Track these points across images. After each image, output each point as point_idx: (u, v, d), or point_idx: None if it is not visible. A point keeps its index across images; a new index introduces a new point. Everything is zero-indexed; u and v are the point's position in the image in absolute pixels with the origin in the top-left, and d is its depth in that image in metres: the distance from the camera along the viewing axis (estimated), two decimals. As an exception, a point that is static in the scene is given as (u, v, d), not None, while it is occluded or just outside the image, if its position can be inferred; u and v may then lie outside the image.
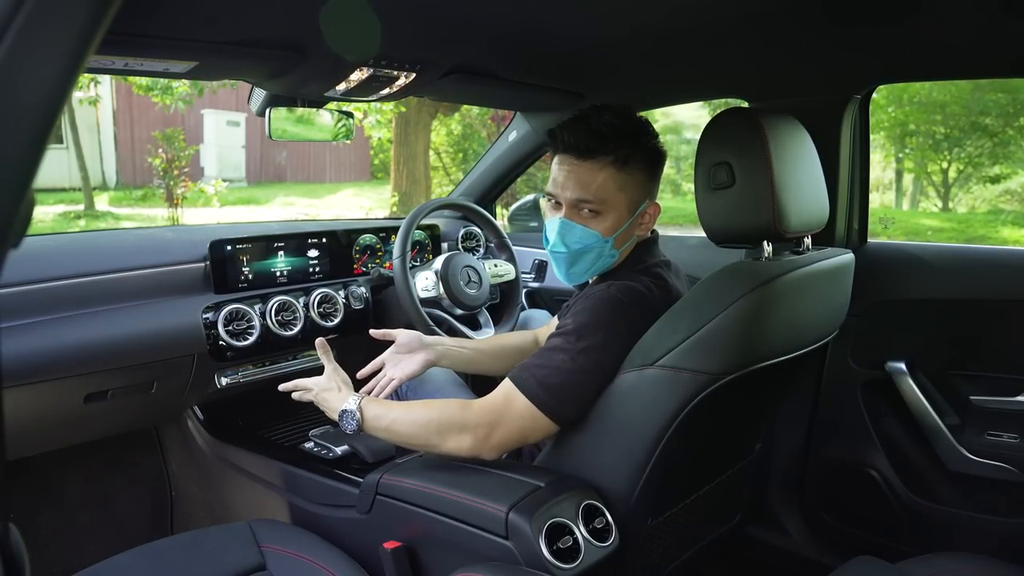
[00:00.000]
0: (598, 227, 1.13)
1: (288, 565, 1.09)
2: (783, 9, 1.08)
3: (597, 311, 1.07)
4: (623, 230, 1.14)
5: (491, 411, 1.07)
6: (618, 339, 1.06)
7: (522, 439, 1.09)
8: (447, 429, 1.08)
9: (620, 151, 1.10)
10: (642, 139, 1.12)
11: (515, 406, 1.05)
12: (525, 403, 1.05)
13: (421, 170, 8.64)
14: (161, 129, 9.57)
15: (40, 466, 1.60)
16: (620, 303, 1.07)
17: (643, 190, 1.15)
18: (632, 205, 1.14)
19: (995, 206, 10.74)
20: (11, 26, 0.33)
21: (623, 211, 1.14)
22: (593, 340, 1.05)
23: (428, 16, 1.12)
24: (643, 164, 1.13)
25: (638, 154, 1.12)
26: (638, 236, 1.19)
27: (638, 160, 1.12)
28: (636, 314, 1.07)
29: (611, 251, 1.16)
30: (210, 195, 9.45)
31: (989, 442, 1.41)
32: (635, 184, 1.13)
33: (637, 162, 1.12)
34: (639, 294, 1.09)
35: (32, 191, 0.36)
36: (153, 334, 1.39)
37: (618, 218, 1.13)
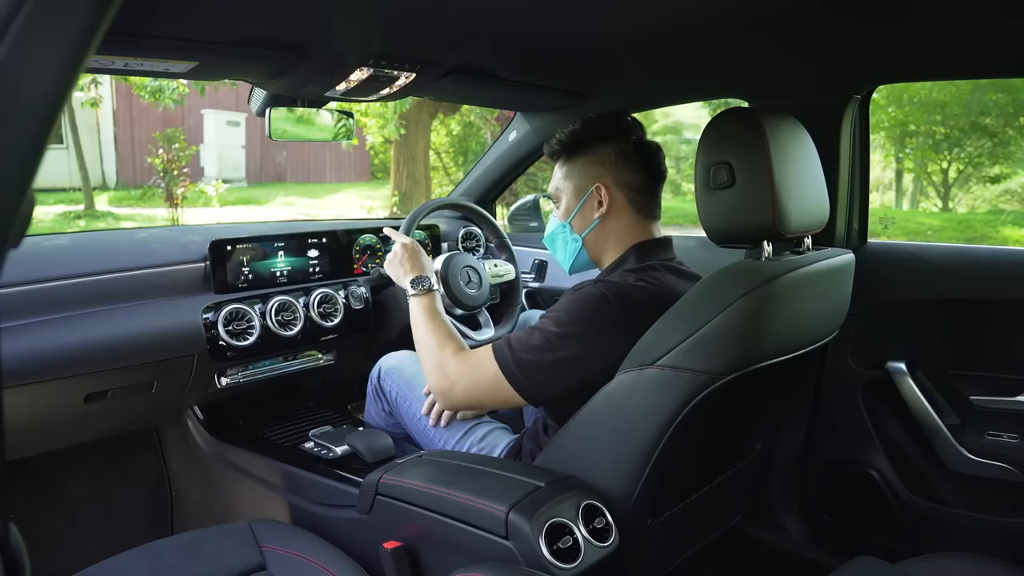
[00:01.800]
0: (558, 214, 1.30)
1: (288, 565, 1.09)
2: (783, 9, 1.08)
3: (582, 304, 1.11)
4: (575, 214, 1.27)
5: (465, 366, 1.19)
6: (599, 335, 1.09)
7: (480, 402, 1.21)
8: (433, 359, 1.24)
9: (568, 149, 1.28)
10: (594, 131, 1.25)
11: (485, 369, 1.15)
12: (494, 369, 1.13)
13: (421, 170, 8.64)
14: (161, 129, 9.58)
15: (40, 466, 1.60)
16: (606, 299, 1.10)
17: (588, 175, 1.25)
18: (578, 190, 1.26)
19: (995, 206, 10.74)
20: (11, 26, 0.33)
21: (571, 196, 1.27)
22: (571, 330, 1.09)
23: (428, 16, 1.12)
24: (590, 153, 1.25)
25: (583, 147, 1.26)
26: (599, 219, 1.25)
27: (583, 152, 1.26)
28: (623, 312, 1.09)
29: (572, 235, 1.28)
30: (210, 195, 9.46)
31: (989, 442, 1.41)
32: (579, 171, 1.26)
33: (581, 152, 1.26)
34: (627, 293, 1.11)
35: (32, 191, 0.36)
36: (153, 334, 1.39)
37: (568, 203, 1.28)
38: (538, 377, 1.11)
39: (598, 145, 1.25)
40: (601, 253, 1.27)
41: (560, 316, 1.11)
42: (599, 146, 1.25)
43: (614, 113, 1.27)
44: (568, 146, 1.27)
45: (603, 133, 1.25)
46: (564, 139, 1.27)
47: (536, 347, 1.11)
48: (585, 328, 1.09)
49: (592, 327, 1.09)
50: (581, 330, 1.09)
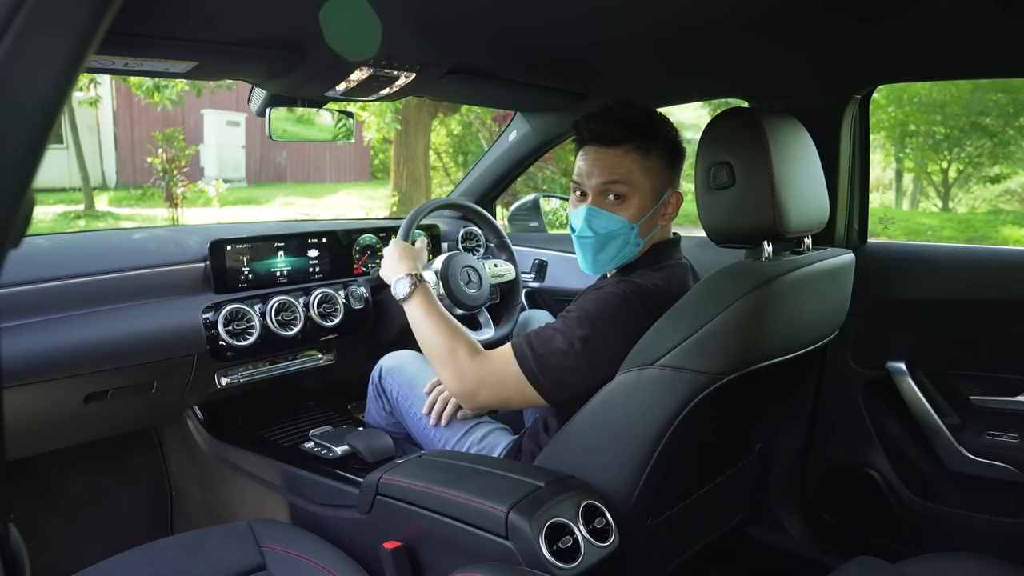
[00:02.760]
0: (624, 213, 1.17)
1: (288, 565, 1.09)
2: (783, 9, 1.08)
3: (604, 303, 1.09)
4: (648, 217, 1.18)
5: (486, 370, 1.15)
6: (622, 336, 1.07)
7: (504, 404, 1.19)
8: (448, 364, 1.19)
9: (643, 138, 1.16)
10: (662, 130, 1.18)
11: (508, 373, 1.12)
12: (518, 373, 1.11)
13: (421, 170, 8.64)
14: (161, 129, 9.58)
15: (40, 466, 1.60)
16: (629, 300, 1.09)
17: (665, 178, 1.19)
18: (656, 191, 1.18)
19: (995, 206, 10.74)
20: (11, 26, 0.33)
21: (647, 196, 1.17)
22: (593, 331, 1.08)
23: (428, 16, 1.12)
24: (664, 153, 1.18)
25: (659, 143, 1.17)
26: (661, 226, 1.21)
27: (659, 148, 1.17)
28: (644, 313, 1.08)
29: (636, 239, 1.19)
30: (210, 195, 9.46)
31: (989, 442, 1.41)
32: (657, 171, 1.18)
33: (659, 150, 1.17)
34: (649, 293, 1.10)
35: (32, 191, 0.36)
36: (153, 334, 1.39)
37: (643, 204, 1.17)
38: (559, 378, 1.10)
39: (664, 143, 1.18)
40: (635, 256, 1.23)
41: (583, 316, 1.09)
42: (665, 144, 1.18)
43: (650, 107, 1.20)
44: (645, 137, 1.15)
45: (668, 127, 1.19)
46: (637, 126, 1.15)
47: (559, 350, 1.08)
48: (608, 329, 1.08)
49: (615, 328, 1.08)
50: (605, 331, 1.08)
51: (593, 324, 1.08)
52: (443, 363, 1.20)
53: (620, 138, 1.15)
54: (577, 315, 1.10)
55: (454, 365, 1.18)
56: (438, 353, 1.22)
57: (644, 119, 1.16)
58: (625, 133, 1.15)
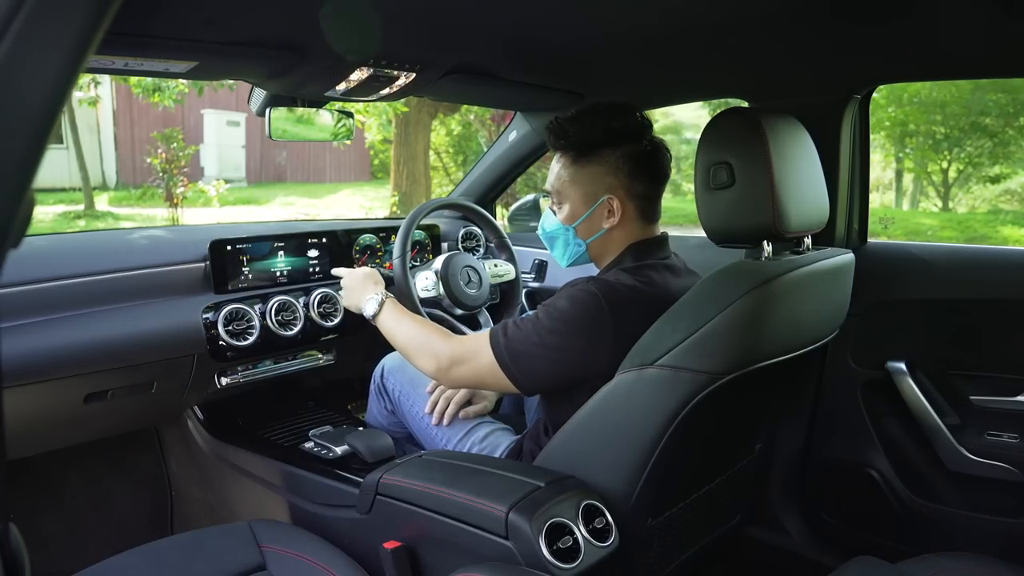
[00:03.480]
0: (560, 216, 1.25)
1: (288, 565, 1.09)
2: (783, 9, 1.08)
3: (574, 300, 1.11)
4: (581, 222, 1.23)
5: (462, 351, 1.21)
6: (585, 335, 1.10)
7: (478, 384, 1.24)
8: (423, 349, 1.25)
9: (577, 147, 1.20)
10: (608, 136, 1.18)
11: (482, 356, 1.16)
12: (490, 358, 1.15)
13: (421, 170, 8.63)
14: (161, 129, 9.58)
15: (40, 466, 1.60)
16: (596, 300, 1.10)
17: (599, 184, 1.20)
18: (587, 198, 1.21)
19: (995, 206, 10.74)
20: (11, 26, 0.33)
21: (578, 203, 1.22)
22: (559, 326, 1.10)
23: (428, 16, 1.12)
24: (604, 161, 1.19)
25: (597, 151, 1.19)
26: (606, 228, 1.22)
27: (597, 156, 1.19)
28: (611, 313, 1.09)
29: (576, 240, 1.25)
30: (210, 195, 9.46)
31: (989, 442, 1.41)
32: (589, 178, 1.20)
33: (595, 159, 1.19)
34: (618, 293, 1.11)
35: (32, 191, 0.36)
36: (153, 334, 1.39)
37: (573, 209, 1.23)
38: (528, 368, 1.13)
39: (610, 150, 1.18)
40: (602, 255, 1.26)
41: (552, 312, 1.12)
42: (611, 152, 1.18)
43: (623, 107, 1.21)
44: (577, 147, 1.20)
45: (617, 137, 1.18)
46: (573, 137, 1.19)
47: (528, 340, 1.12)
48: (573, 326, 1.10)
49: (579, 326, 1.10)
50: (569, 328, 1.10)
51: (562, 320, 1.11)
52: (418, 349, 1.26)
53: (558, 146, 1.23)
54: (548, 309, 1.13)
55: (428, 348, 1.24)
56: (414, 344, 1.28)
57: (582, 131, 1.19)
58: (561, 142, 1.21)
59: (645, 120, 1.22)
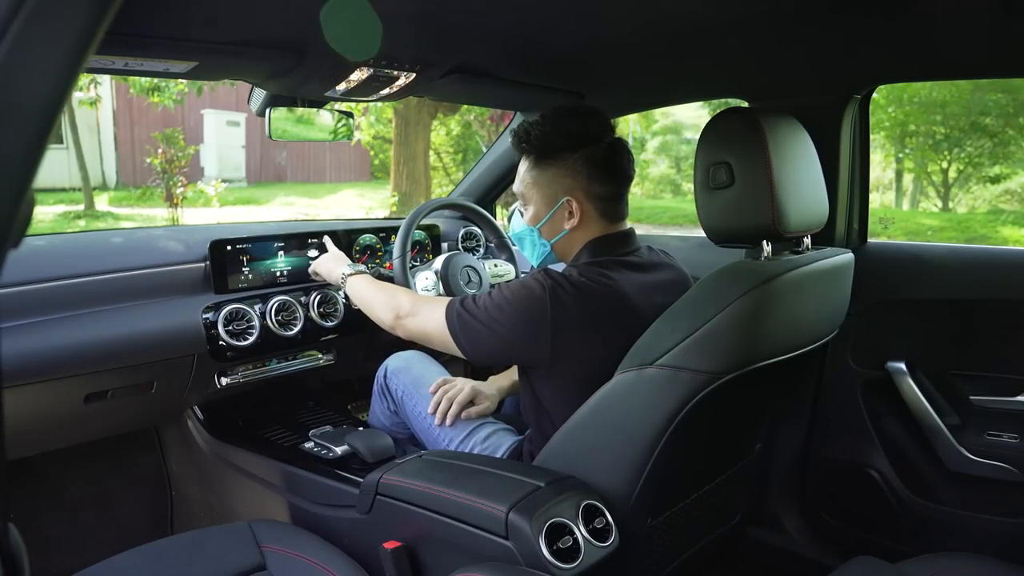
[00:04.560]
0: (526, 218, 1.30)
1: (288, 565, 1.09)
2: (783, 9, 1.08)
3: (521, 288, 1.16)
4: (544, 222, 1.27)
5: (420, 305, 1.30)
6: (523, 323, 1.14)
7: (426, 338, 1.30)
8: (387, 304, 1.34)
9: (537, 151, 1.25)
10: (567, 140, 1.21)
11: (435, 314, 1.25)
12: (441, 318, 1.23)
13: (421, 170, 8.64)
14: (161, 129, 9.58)
15: (40, 466, 1.60)
16: (539, 291, 1.14)
17: (559, 186, 1.24)
18: (548, 200, 1.25)
19: (995, 206, 10.73)
20: (11, 26, 0.33)
21: (540, 205, 1.27)
22: (504, 307, 1.16)
23: (428, 16, 1.12)
24: (563, 165, 1.22)
25: (555, 156, 1.23)
26: (568, 229, 1.25)
27: (554, 158, 1.23)
28: (549, 306, 1.12)
29: (540, 240, 1.30)
30: (210, 195, 9.46)
31: (989, 442, 1.41)
32: (549, 180, 1.24)
33: (552, 160, 1.23)
34: (561, 287, 1.13)
35: (32, 191, 0.36)
36: (153, 334, 1.39)
37: (536, 211, 1.28)
38: (470, 336, 1.19)
39: (569, 154, 1.22)
40: (567, 254, 1.30)
41: (505, 293, 1.17)
42: (570, 155, 1.22)
43: (585, 110, 1.24)
44: (538, 150, 1.24)
45: (575, 141, 1.21)
46: (534, 141, 1.24)
47: (475, 313, 1.19)
48: (513, 314, 1.15)
49: (519, 312, 1.14)
50: (509, 316, 1.15)
51: (507, 302, 1.16)
52: (383, 304, 1.35)
53: (521, 150, 1.28)
54: (501, 289, 1.19)
55: (392, 302, 1.33)
56: (380, 298, 1.37)
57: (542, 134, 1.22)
58: (523, 146, 1.26)
59: (607, 123, 1.24)
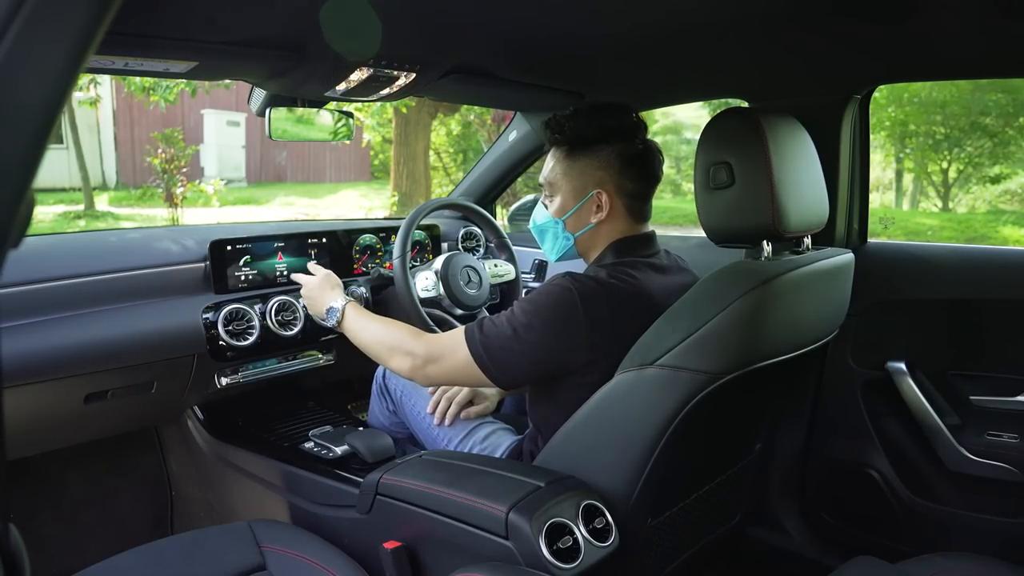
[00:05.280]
0: (551, 209, 1.27)
1: (288, 565, 1.09)
2: (783, 9, 1.08)
3: (549, 295, 1.13)
4: (571, 214, 1.24)
5: (436, 348, 1.21)
6: (558, 329, 1.11)
7: (454, 381, 1.25)
8: (396, 350, 1.25)
9: (569, 143, 1.23)
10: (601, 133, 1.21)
11: (458, 354, 1.17)
12: (466, 354, 1.16)
13: (421, 170, 8.64)
14: (161, 129, 9.58)
15: (40, 466, 1.60)
16: (569, 295, 1.11)
17: (589, 178, 1.22)
18: (577, 191, 1.23)
19: (995, 206, 10.74)
20: (11, 26, 0.33)
21: (568, 196, 1.24)
22: (533, 320, 1.12)
23: (428, 16, 1.12)
24: (594, 156, 1.21)
25: (588, 147, 1.21)
26: (594, 223, 1.23)
27: (587, 152, 1.22)
28: (581, 309, 1.10)
29: (564, 233, 1.26)
30: (210, 195, 9.46)
31: (989, 442, 1.41)
32: (580, 171, 1.22)
33: (585, 151, 1.22)
34: (589, 291, 1.11)
35: (32, 191, 0.36)
36: (153, 334, 1.39)
37: (564, 202, 1.25)
38: (504, 362, 1.14)
39: (602, 146, 1.21)
40: (589, 251, 1.27)
41: (527, 306, 1.14)
42: (603, 148, 1.21)
43: (619, 107, 1.23)
44: (571, 141, 1.23)
45: (609, 134, 1.21)
46: (567, 132, 1.22)
47: (503, 334, 1.13)
48: (546, 320, 1.11)
49: (552, 320, 1.11)
50: (542, 322, 1.11)
51: (536, 315, 1.12)
52: (391, 350, 1.26)
53: (554, 141, 1.25)
54: (523, 304, 1.14)
55: (401, 347, 1.24)
56: (385, 345, 1.28)
57: (577, 127, 1.21)
58: (556, 137, 1.24)
59: (640, 121, 1.24)
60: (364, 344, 1.33)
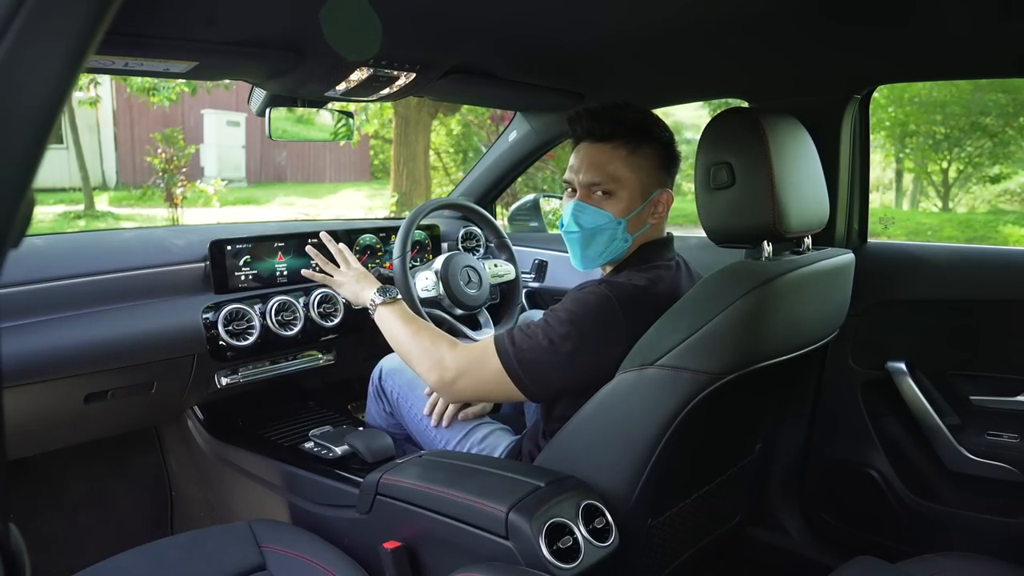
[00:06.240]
0: (611, 208, 1.17)
1: (288, 565, 1.09)
2: (783, 9, 1.08)
3: (586, 304, 1.09)
4: (635, 213, 1.18)
5: (466, 361, 1.16)
6: (600, 337, 1.08)
7: (483, 396, 1.21)
8: (425, 359, 1.20)
9: (634, 136, 1.16)
10: (655, 130, 1.18)
11: (488, 366, 1.12)
12: (498, 367, 1.11)
13: (421, 170, 8.64)
14: (161, 129, 9.58)
15: (40, 466, 1.60)
16: (609, 302, 1.08)
17: (655, 176, 1.19)
18: (644, 189, 1.18)
19: (995, 206, 10.74)
20: (11, 26, 0.33)
21: (635, 193, 1.17)
22: (573, 330, 1.08)
23: (428, 16, 1.12)
24: (656, 153, 1.18)
25: (651, 142, 1.17)
26: (651, 224, 1.20)
27: (651, 147, 1.17)
28: (625, 316, 1.08)
29: (624, 234, 1.19)
30: (210, 195, 9.46)
31: (989, 442, 1.41)
32: (647, 168, 1.18)
33: (650, 148, 1.17)
34: (631, 295, 1.10)
35: (32, 191, 0.36)
36: (153, 334, 1.39)
37: (630, 200, 1.17)
38: (540, 375, 1.10)
39: (658, 143, 1.18)
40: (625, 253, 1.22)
41: (563, 315, 1.10)
42: (659, 144, 1.18)
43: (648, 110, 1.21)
44: (636, 135, 1.16)
45: (662, 130, 1.18)
46: (629, 124, 1.16)
47: (538, 346, 1.09)
48: (586, 329, 1.08)
49: (593, 329, 1.08)
50: (582, 331, 1.08)
51: (573, 323, 1.08)
52: (422, 356, 1.21)
53: (611, 134, 1.16)
54: (559, 315, 1.10)
55: (434, 356, 1.19)
56: (419, 349, 1.22)
57: (637, 118, 1.17)
58: (616, 129, 1.16)
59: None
60: (399, 340, 1.27)
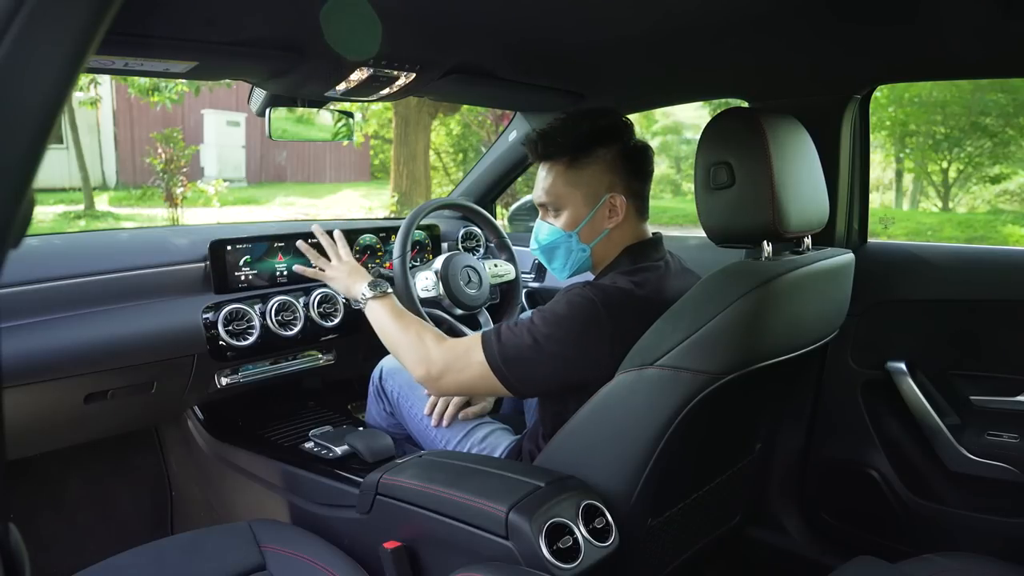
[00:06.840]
0: (560, 223, 1.22)
1: (288, 565, 1.09)
2: (783, 9, 1.08)
3: (571, 306, 1.11)
4: (585, 224, 1.21)
5: (452, 356, 1.18)
6: (583, 340, 1.09)
7: (468, 390, 1.22)
8: (412, 352, 1.22)
9: (572, 149, 1.19)
10: (601, 138, 1.19)
11: (474, 361, 1.14)
12: (482, 362, 1.13)
13: (421, 170, 8.64)
14: (161, 129, 9.58)
15: (40, 466, 1.60)
16: (594, 304, 1.09)
17: (600, 183, 1.20)
18: (589, 199, 1.20)
19: (995, 206, 10.74)
20: (11, 26, 0.33)
21: (579, 205, 1.20)
22: (557, 332, 1.09)
23: (428, 16, 1.12)
24: (602, 158, 1.19)
25: (593, 152, 1.19)
26: (609, 229, 1.21)
27: (592, 156, 1.19)
28: (609, 317, 1.09)
29: (579, 245, 1.22)
30: (210, 195, 9.46)
31: (989, 442, 1.41)
32: (589, 178, 1.20)
33: (589, 158, 1.19)
34: (615, 297, 1.10)
35: (32, 191, 0.36)
36: (153, 334, 1.39)
37: (575, 212, 1.21)
38: (523, 372, 1.12)
39: (604, 150, 1.19)
40: (602, 260, 1.24)
41: (549, 316, 1.11)
42: (604, 151, 1.19)
43: (604, 109, 1.24)
44: (572, 149, 1.19)
45: (607, 136, 1.19)
46: (563, 142, 1.19)
47: (523, 344, 1.11)
48: (570, 331, 1.09)
49: (577, 331, 1.09)
50: (566, 333, 1.09)
51: (558, 324, 1.10)
52: (409, 350, 1.22)
53: (551, 153, 1.21)
54: (545, 315, 1.12)
55: (420, 351, 1.21)
56: (405, 342, 1.24)
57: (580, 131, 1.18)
58: (549, 149, 1.20)
59: (628, 121, 1.24)
60: (386, 332, 1.29)
